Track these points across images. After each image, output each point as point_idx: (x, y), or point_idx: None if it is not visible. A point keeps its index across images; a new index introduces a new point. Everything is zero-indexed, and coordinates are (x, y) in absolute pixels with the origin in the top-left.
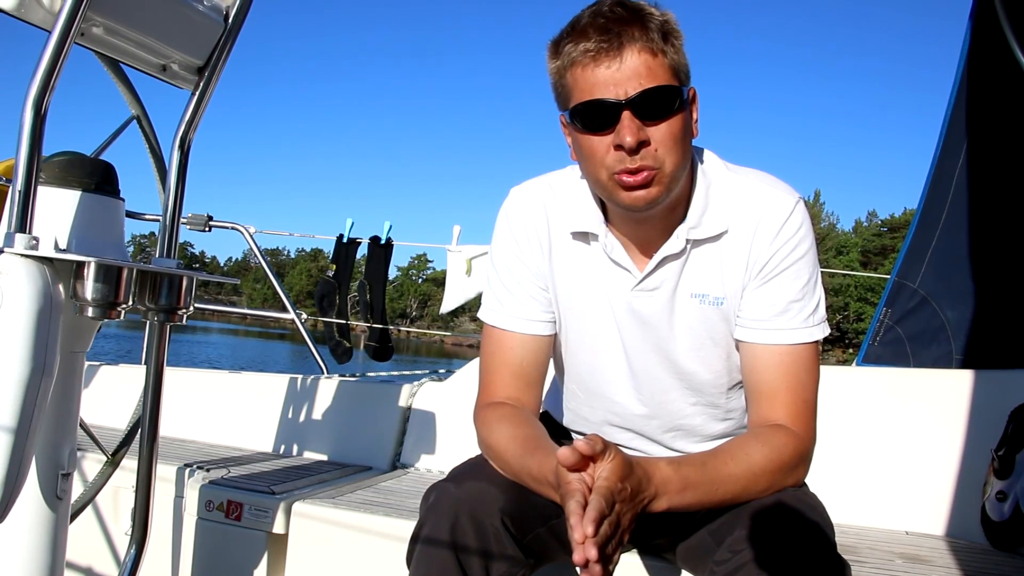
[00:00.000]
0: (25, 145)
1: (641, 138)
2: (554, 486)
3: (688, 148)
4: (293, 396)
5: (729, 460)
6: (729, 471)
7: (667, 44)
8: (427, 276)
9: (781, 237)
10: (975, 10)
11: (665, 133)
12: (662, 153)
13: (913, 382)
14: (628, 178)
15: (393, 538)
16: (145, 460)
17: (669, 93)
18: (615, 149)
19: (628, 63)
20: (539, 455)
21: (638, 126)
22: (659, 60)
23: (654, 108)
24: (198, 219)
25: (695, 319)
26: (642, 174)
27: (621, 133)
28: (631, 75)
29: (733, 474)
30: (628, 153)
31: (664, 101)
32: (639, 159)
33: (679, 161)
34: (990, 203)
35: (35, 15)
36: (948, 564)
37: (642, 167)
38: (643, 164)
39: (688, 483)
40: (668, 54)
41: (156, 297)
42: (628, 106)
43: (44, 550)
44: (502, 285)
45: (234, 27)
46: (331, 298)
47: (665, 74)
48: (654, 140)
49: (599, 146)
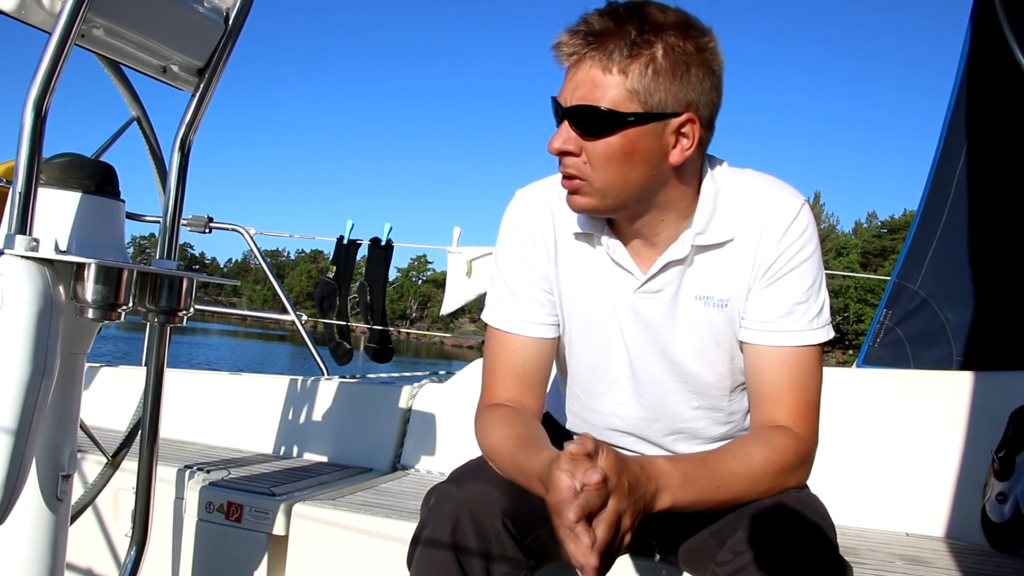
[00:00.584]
0: (25, 147)
1: (565, 148)
2: (541, 479)
3: (636, 171)
4: (293, 397)
5: (730, 459)
6: (730, 469)
7: (634, 64)
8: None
9: (787, 239)
10: (975, 12)
11: (597, 151)
12: (590, 169)
13: (913, 384)
14: (564, 181)
15: (393, 539)
16: (145, 461)
17: (603, 116)
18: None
19: (580, 72)
20: (530, 451)
21: (570, 136)
22: (612, 79)
23: (587, 124)
24: (198, 221)
25: (699, 321)
26: (570, 180)
27: (553, 136)
28: (578, 85)
29: (734, 472)
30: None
31: (596, 121)
32: (565, 166)
33: (609, 181)
34: (990, 205)
35: (35, 17)
36: (948, 566)
37: (566, 175)
38: (566, 172)
39: (689, 478)
40: (631, 75)
41: (156, 299)
42: (567, 115)
43: (44, 552)
44: (506, 287)
45: (234, 28)
46: (331, 300)
47: (613, 95)
48: (586, 153)
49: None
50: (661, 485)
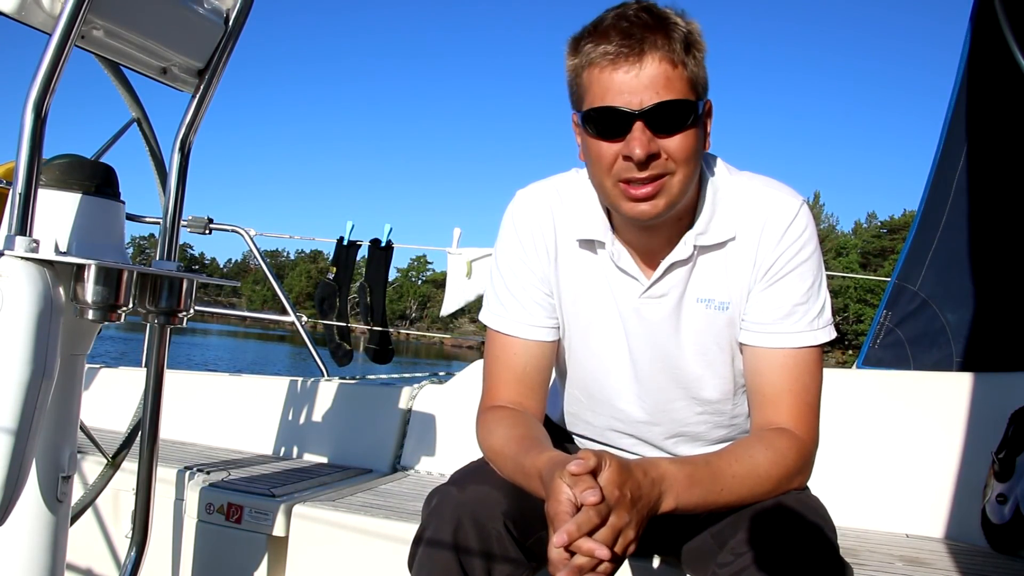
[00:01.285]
0: (25, 148)
1: (651, 150)
2: (543, 479)
3: (699, 162)
4: (293, 399)
5: (733, 461)
6: (733, 472)
7: (688, 56)
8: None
9: (786, 240)
10: (975, 12)
11: (677, 146)
12: (672, 166)
13: (913, 385)
14: (634, 190)
15: (393, 540)
16: (145, 463)
17: (684, 107)
18: (624, 159)
19: (647, 71)
20: (532, 452)
21: (649, 138)
22: (678, 72)
23: (668, 121)
24: (198, 222)
25: (701, 324)
26: (649, 187)
27: (631, 144)
28: (648, 84)
29: (737, 475)
30: (637, 166)
31: (679, 115)
32: (648, 170)
33: (689, 175)
34: (990, 206)
35: (35, 18)
36: (948, 567)
37: (650, 176)
38: (652, 174)
39: (694, 479)
40: (688, 66)
41: (156, 300)
42: (641, 117)
43: (44, 552)
44: (507, 290)
45: (234, 29)
46: (331, 300)
47: (683, 87)
48: (665, 152)
49: (607, 152)
50: (665, 488)
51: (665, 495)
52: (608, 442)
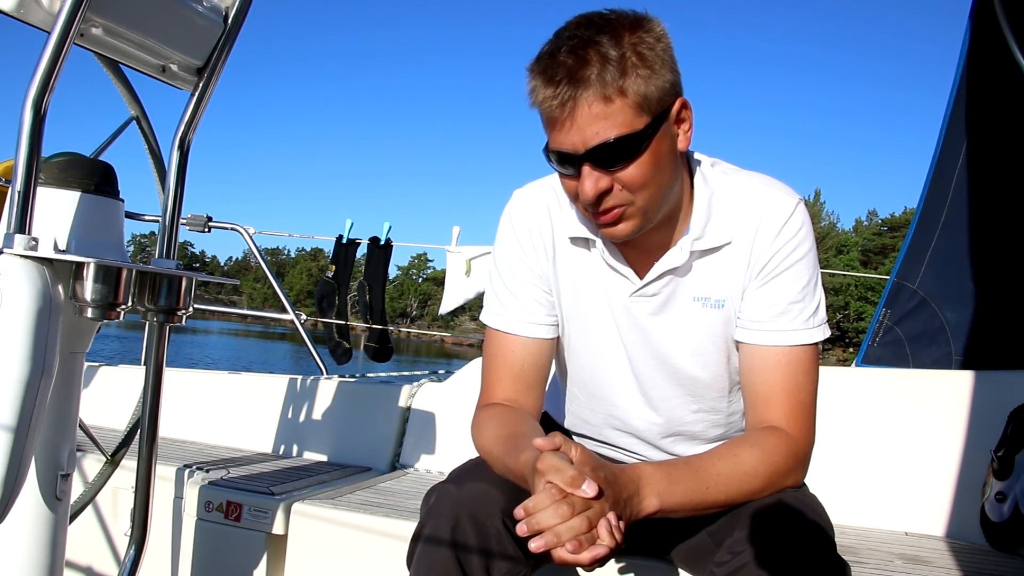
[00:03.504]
0: (24, 146)
1: (601, 188)
2: (526, 479)
3: (666, 175)
4: (292, 397)
5: (716, 460)
6: (717, 470)
7: (628, 78)
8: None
9: (781, 238)
10: (974, 11)
11: (632, 176)
12: (628, 196)
13: (912, 383)
14: (601, 217)
15: (393, 538)
16: (144, 461)
17: (628, 140)
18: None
19: (581, 117)
20: (514, 453)
21: (598, 176)
22: (617, 104)
23: (615, 156)
24: (197, 220)
25: (696, 323)
26: (611, 212)
27: (582, 185)
28: (586, 126)
29: (721, 473)
30: (589, 205)
31: (623, 149)
32: (605, 204)
33: (651, 195)
34: (989, 204)
35: (34, 16)
36: (948, 565)
37: (607, 210)
38: (607, 206)
39: (673, 477)
40: (629, 91)
41: (155, 298)
42: (586, 159)
43: (43, 551)
44: (505, 288)
45: (233, 28)
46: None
47: (624, 117)
48: (620, 183)
49: (570, 187)
50: (644, 486)
51: (646, 494)
52: (607, 440)
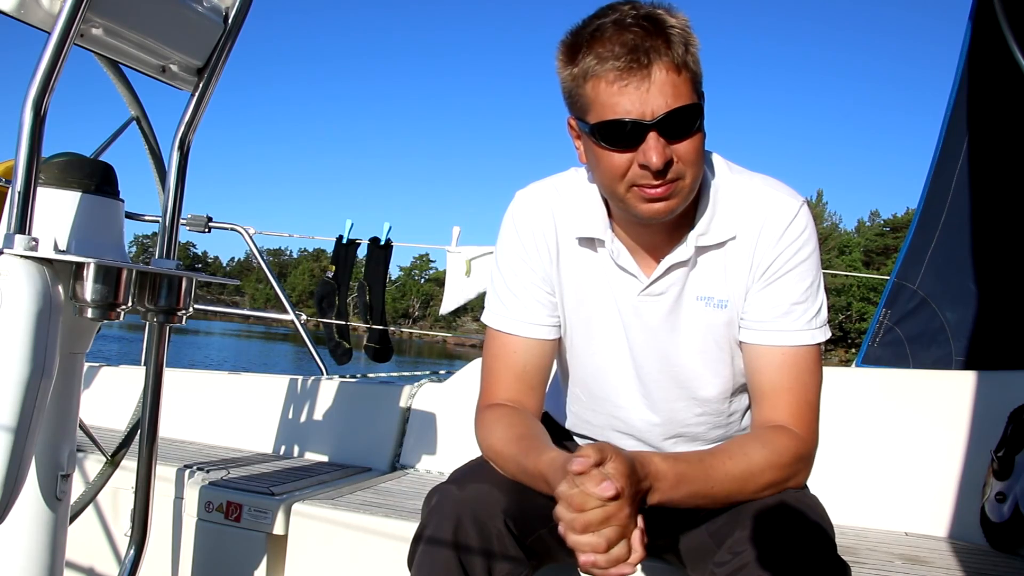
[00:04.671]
0: (25, 146)
1: (667, 157)
2: (547, 480)
3: (703, 160)
4: (293, 397)
5: (727, 459)
6: (727, 469)
7: (688, 56)
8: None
9: (785, 239)
10: (975, 11)
11: (689, 150)
12: (684, 168)
13: (912, 383)
14: (649, 191)
15: (393, 539)
16: (145, 461)
17: (693, 111)
18: (639, 167)
19: (656, 82)
20: (532, 453)
21: (664, 145)
22: (683, 76)
23: (679, 128)
24: (198, 220)
25: (700, 322)
26: (662, 188)
27: (648, 154)
28: (658, 94)
29: (730, 472)
30: (654, 175)
31: (688, 120)
32: (665, 176)
33: (698, 175)
34: (989, 204)
35: (35, 16)
36: (948, 565)
37: (669, 181)
38: (670, 179)
39: (683, 478)
40: (690, 67)
41: (155, 298)
42: (655, 127)
43: (44, 551)
44: (507, 288)
45: (233, 28)
46: (331, 299)
47: (688, 90)
48: (677, 157)
49: (620, 161)
50: (654, 484)
51: (652, 491)
52: (608, 441)
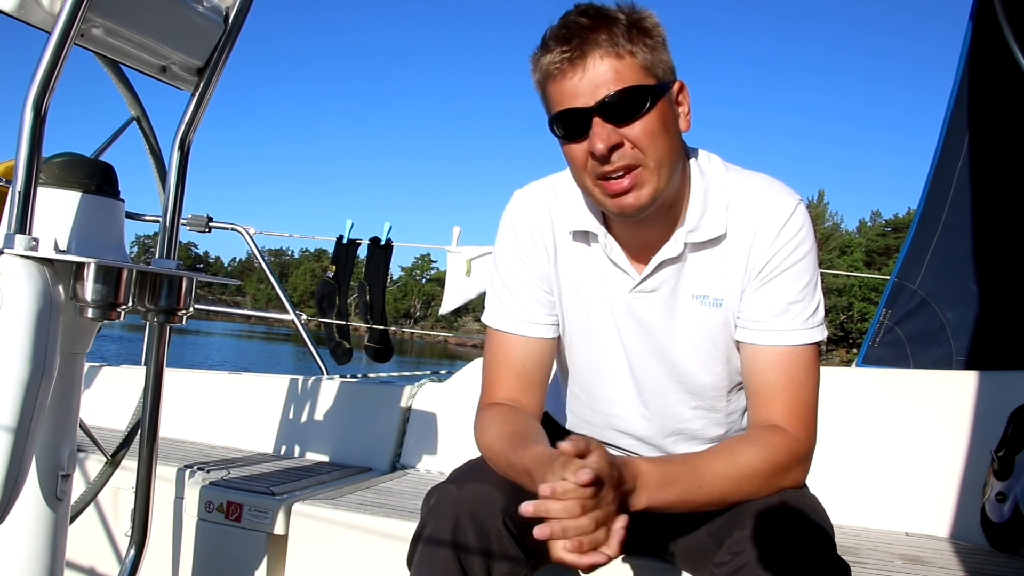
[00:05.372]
0: (25, 146)
1: (612, 142)
2: (531, 474)
3: (673, 143)
4: (293, 397)
5: (715, 459)
6: (713, 469)
7: (635, 44)
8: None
9: (781, 238)
10: (975, 11)
11: (640, 131)
12: (640, 154)
13: (913, 383)
14: (613, 185)
15: (393, 539)
16: (145, 461)
17: (639, 92)
18: (591, 156)
19: (592, 70)
20: (520, 449)
21: (609, 130)
22: (626, 61)
23: (624, 109)
24: (198, 220)
25: (695, 320)
26: (625, 179)
27: (592, 140)
28: (597, 81)
29: (718, 472)
30: (600, 161)
31: (633, 101)
32: (615, 162)
33: (661, 155)
34: (990, 204)
35: (35, 16)
36: (948, 565)
37: (619, 168)
38: (620, 165)
39: (668, 478)
40: (638, 54)
41: (156, 298)
42: (597, 111)
43: (44, 551)
44: (505, 288)
45: (234, 28)
46: (331, 299)
47: (634, 74)
48: (629, 139)
49: (578, 153)
50: (639, 486)
51: (637, 492)
52: (608, 441)
